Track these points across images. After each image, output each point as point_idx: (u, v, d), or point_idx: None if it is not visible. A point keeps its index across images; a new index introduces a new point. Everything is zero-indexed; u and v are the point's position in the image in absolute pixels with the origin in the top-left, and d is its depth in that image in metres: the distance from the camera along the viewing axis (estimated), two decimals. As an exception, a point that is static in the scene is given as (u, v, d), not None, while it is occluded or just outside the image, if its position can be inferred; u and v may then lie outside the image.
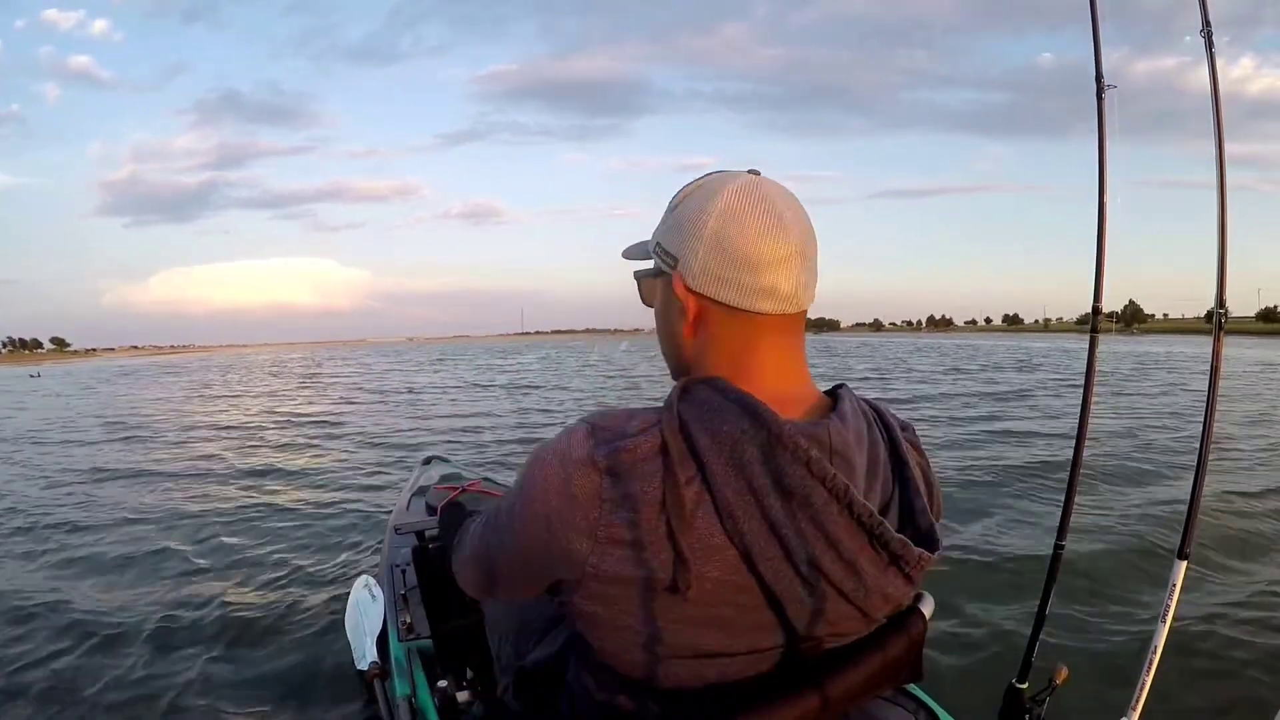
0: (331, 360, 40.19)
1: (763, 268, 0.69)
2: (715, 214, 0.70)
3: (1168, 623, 1.37)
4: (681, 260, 0.72)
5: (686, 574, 0.64)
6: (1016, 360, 24.38)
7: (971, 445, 6.43)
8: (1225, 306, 1.46)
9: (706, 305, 0.72)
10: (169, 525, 4.51)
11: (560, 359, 31.34)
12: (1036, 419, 7.67)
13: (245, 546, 3.96)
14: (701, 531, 0.64)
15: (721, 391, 0.67)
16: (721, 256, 0.69)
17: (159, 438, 9.27)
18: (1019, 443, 6.37)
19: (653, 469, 0.64)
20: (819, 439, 0.67)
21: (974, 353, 31.83)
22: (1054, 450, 5.41)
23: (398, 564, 1.97)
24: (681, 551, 0.63)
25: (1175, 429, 7.29)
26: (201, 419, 11.60)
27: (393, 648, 1.71)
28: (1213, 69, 1.43)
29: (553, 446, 0.69)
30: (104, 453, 8.00)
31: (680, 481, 0.64)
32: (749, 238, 0.69)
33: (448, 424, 9.85)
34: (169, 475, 6.32)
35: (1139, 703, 1.34)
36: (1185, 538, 1.43)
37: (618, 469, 0.65)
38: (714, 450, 0.64)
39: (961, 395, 11.93)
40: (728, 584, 0.66)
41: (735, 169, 0.76)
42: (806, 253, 0.71)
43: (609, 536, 0.65)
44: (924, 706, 0.93)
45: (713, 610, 0.67)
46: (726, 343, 0.72)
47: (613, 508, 0.65)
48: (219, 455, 7.45)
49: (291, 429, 9.84)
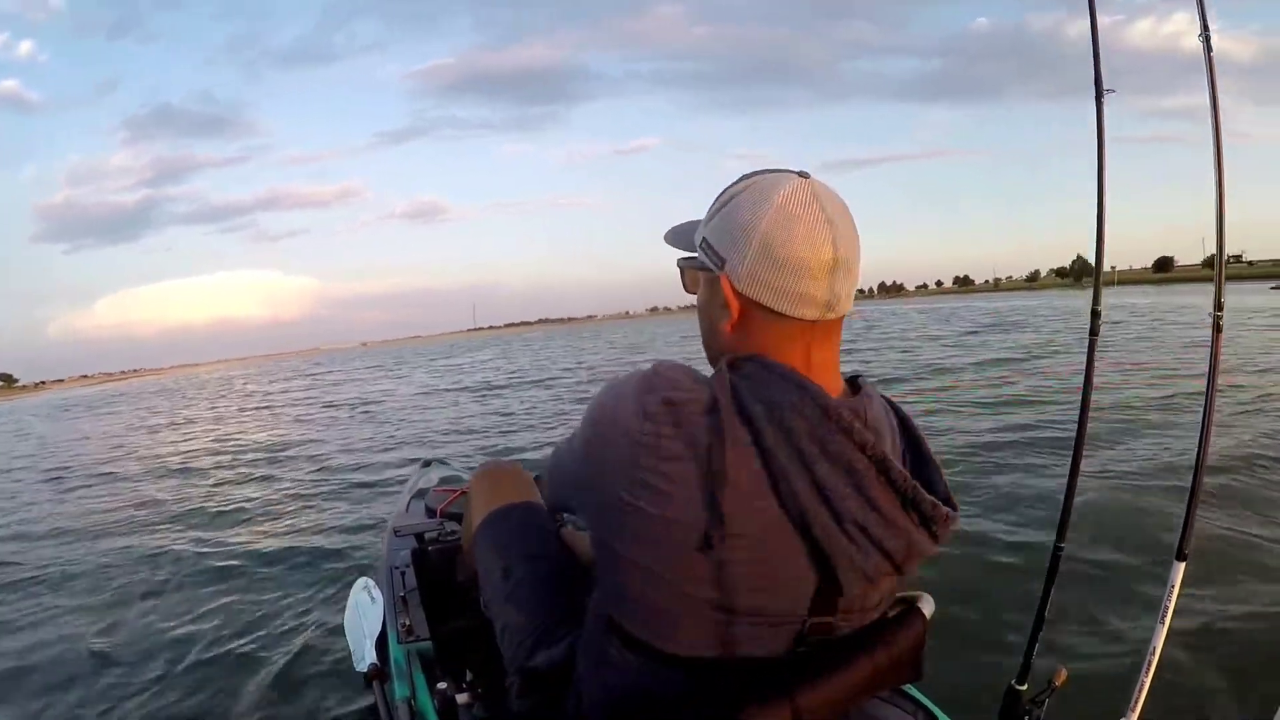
0: (281, 374, 38.18)
1: (808, 276, 0.71)
2: (765, 219, 0.71)
3: (1166, 624, 1.37)
4: (729, 262, 0.74)
5: (720, 530, 0.67)
6: (988, 323, 24.11)
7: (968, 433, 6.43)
8: (1223, 309, 1.47)
9: (749, 307, 0.74)
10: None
11: (515, 354, 30.50)
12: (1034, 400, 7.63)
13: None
14: (745, 492, 0.68)
15: (768, 367, 0.71)
16: (769, 263, 0.71)
17: (93, 482, 7.94)
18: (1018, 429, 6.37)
19: (699, 425, 0.68)
20: (857, 411, 0.72)
21: (942, 318, 31.47)
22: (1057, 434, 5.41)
23: (397, 566, 1.97)
24: (719, 508, 0.67)
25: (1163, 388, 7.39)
26: (145, 454, 10.10)
27: (392, 650, 1.71)
28: (1211, 75, 1.43)
29: (615, 386, 0.74)
30: (42, 502, 7.06)
31: (727, 441, 0.67)
32: (797, 246, 0.71)
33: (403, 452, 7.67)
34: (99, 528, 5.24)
35: (1138, 704, 1.34)
36: (1184, 538, 1.43)
37: (663, 417, 0.68)
38: (766, 417, 0.68)
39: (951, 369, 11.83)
40: (769, 545, 0.69)
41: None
42: (851, 261, 0.74)
43: (643, 480, 0.68)
44: (923, 708, 0.93)
45: (750, 569, 0.70)
46: (765, 341, 0.75)
47: (654, 453, 0.68)
48: (154, 498, 6.34)
49: (233, 461, 8.34)
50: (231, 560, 3.85)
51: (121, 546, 4.46)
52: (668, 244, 0.87)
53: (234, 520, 4.85)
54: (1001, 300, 58.89)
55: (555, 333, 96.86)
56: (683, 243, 0.84)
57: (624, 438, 0.69)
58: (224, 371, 70.31)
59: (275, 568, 3.68)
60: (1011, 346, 13.99)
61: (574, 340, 44.25)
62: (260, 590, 3.33)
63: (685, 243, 0.84)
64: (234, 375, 49.23)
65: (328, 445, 8.59)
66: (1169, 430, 6.00)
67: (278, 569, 3.65)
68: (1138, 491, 4.52)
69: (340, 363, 47.64)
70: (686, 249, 0.84)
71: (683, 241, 0.84)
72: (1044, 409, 6.87)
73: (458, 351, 45.16)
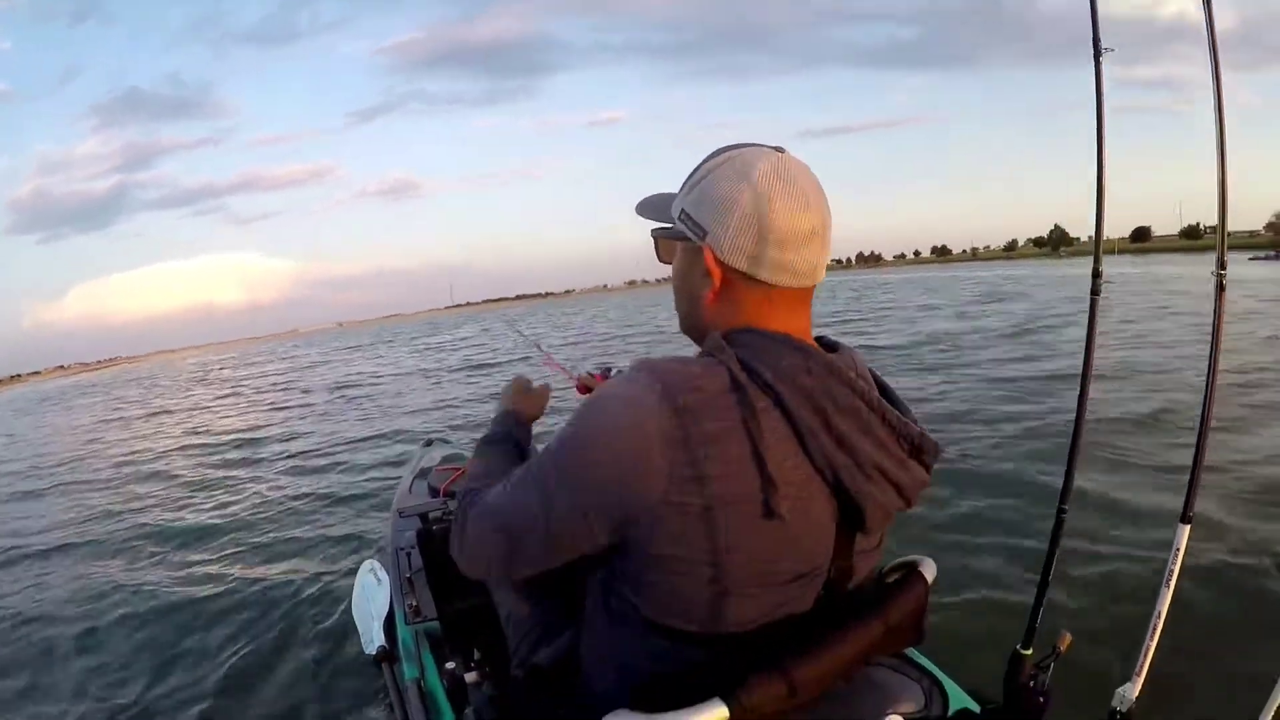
0: (258, 358, 36.82)
1: (788, 246, 0.74)
2: (746, 192, 0.74)
3: (1171, 587, 1.37)
4: (711, 234, 0.77)
5: (776, 495, 0.69)
6: (979, 293, 23.93)
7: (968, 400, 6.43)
8: (1225, 268, 1.45)
9: (731, 276, 0.77)
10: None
11: (499, 330, 29.07)
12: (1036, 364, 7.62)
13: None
14: (781, 454, 0.70)
15: (764, 334, 0.75)
16: (751, 234, 0.74)
17: (58, 486, 7.38)
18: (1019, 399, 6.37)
19: (726, 403, 0.70)
20: (849, 364, 0.77)
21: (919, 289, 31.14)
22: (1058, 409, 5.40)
23: (403, 547, 1.98)
24: (771, 476, 0.69)
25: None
26: (115, 451, 9.58)
27: (400, 631, 1.72)
28: (1215, 70, 1.39)
29: (616, 391, 0.72)
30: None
31: (757, 409, 0.70)
32: (778, 218, 0.74)
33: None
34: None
35: (1143, 668, 1.34)
36: (1188, 501, 1.42)
37: (692, 407, 0.69)
38: (781, 380, 0.71)
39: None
40: (805, 501, 0.72)
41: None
42: (826, 232, 0.78)
43: (694, 474, 0.68)
44: (928, 673, 0.94)
45: (790, 530, 0.72)
46: (747, 309, 0.78)
47: (694, 444, 0.68)
48: (137, 493, 6.08)
49: (203, 457, 7.84)
50: (229, 551, 3.87)
51: (122, 532, 4.51)
52: (639, 215, 0.89)
53: (229, 512, 4.88)
54: (984, 270, 58.85)
55: (535, 307, 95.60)
56: (654, 214, 0.87)
57: (658, 441, 0.68)
58: (201, 357, 67.79)
59: (276, 556, 3.70)
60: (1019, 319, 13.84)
61: (559, 314, 43.48)
62: (267, 576, 3.36)
63: (657, 214, 0.87)
64: (211, 360, 48.03)
65: (312, 431, 8.60)
66: (1173, 391, 6.00)
67: (279, 557, 3.67)
68: (1141, 454, 4.53)
69: (318, 344, 46.44)
70: (659, 220, 0.86)
71: (654, 213, 0.87)
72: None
73: (438, 329, 44.32)
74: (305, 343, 63.23)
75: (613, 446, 0.70)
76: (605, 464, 0.70)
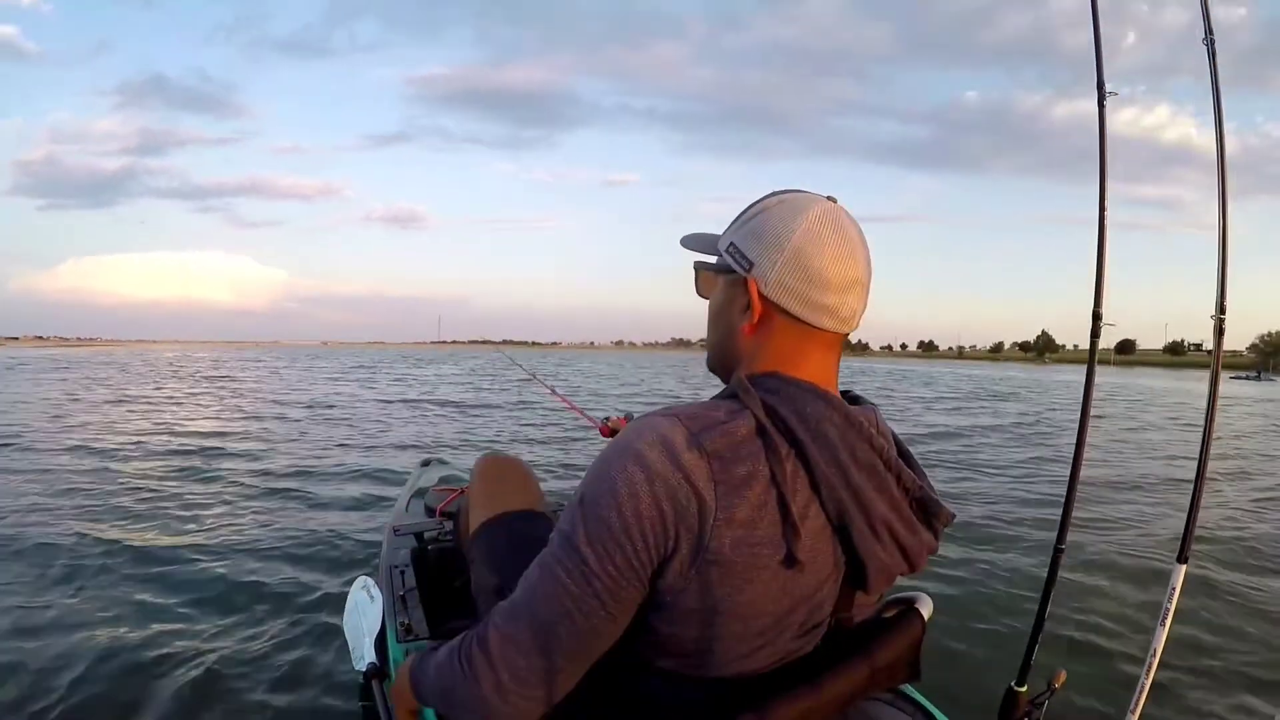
0: (240, 364, 34.62)
1: (832, 289, 0.75)
2: (799, 231, 0.75)
3: (1167, 626, 1.37)
4: (757, 266, 0.76)
5: (799, 543, 0.69)
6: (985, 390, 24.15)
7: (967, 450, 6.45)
8: (1225, 312, 1.46)
9: (772, 310, 0.76)
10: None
11: (494, 371, 27.81)
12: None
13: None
14: (800, 504, 0.70)
15: (789, 381, 0.74)
16: (798, 272, 0.74)
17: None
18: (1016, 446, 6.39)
19: (754, 449, 0.69)
20: (870, 420, 0.76)
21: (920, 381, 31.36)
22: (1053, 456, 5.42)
23: (397, 565, 1.97)
24: (795, 523, 0.69)
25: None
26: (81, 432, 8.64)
27: (391, 649, 1.71)
28: (1214, 76, 1.43)
29: (638, 439, 0.69)
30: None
31: (782, 456, 0.69)
32: (826, 260, 0.74)
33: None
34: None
35: (1138, 706, 1.33)
36: (1185, 541, 1.43)
37: (723, 452, 0.68)
38: (803, 428, 0.70)
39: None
40: (816, 553, 0.71)
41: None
42: (868, 283, 0.78)
43: (727, 518, 0.67)
44: (921, 709, 0.93)
45: (805, 580, 0.72)
46: (782, 345, 0.77)
47: (727, 489, 0.67)
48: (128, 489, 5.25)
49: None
50: (218, 558, 3.85)
51: (86, 538, 4.47)
52: (684, 247, 0.90)
53: (224, 517, 4.85)
54: (976, 369, 59.38)
55: (517, 355, 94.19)
56: (699, 247, 0.88)
57: (702, 488, 0.66)
58: (181, 352, 63.42)
59: (267, 565, 3.67)
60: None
61: (548, 365, 42.06)
62: (254, 589, 3.33)
63: (701, 248, 0.88)
64: (197, 357, 45.07)
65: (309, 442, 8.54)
66: (1169, 435, 6.02)
67: (269, 567, 3.65)
68: (1139, 494, 4.53)
69: (302, 359, 43.94)
70: (702, 252, 0.87)
71: (698, 246, 0.88)
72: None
73: (430, 361, 42.40)
74: (288, 354, 61.54)
75: (651, 496, 0.66)
76: (643, 517, 0.67)
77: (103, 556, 3.84)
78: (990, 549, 3.68)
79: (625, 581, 0.69)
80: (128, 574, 3.55)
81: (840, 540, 0.73)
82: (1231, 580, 3.20)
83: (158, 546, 4.01)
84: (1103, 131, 1.51)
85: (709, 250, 0.85)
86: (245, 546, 4.03)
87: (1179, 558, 1.42)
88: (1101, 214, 1.49)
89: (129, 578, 3.50)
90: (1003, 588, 3.10)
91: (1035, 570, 3.27)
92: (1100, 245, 1.50)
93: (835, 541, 0.73)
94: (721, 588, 0.69)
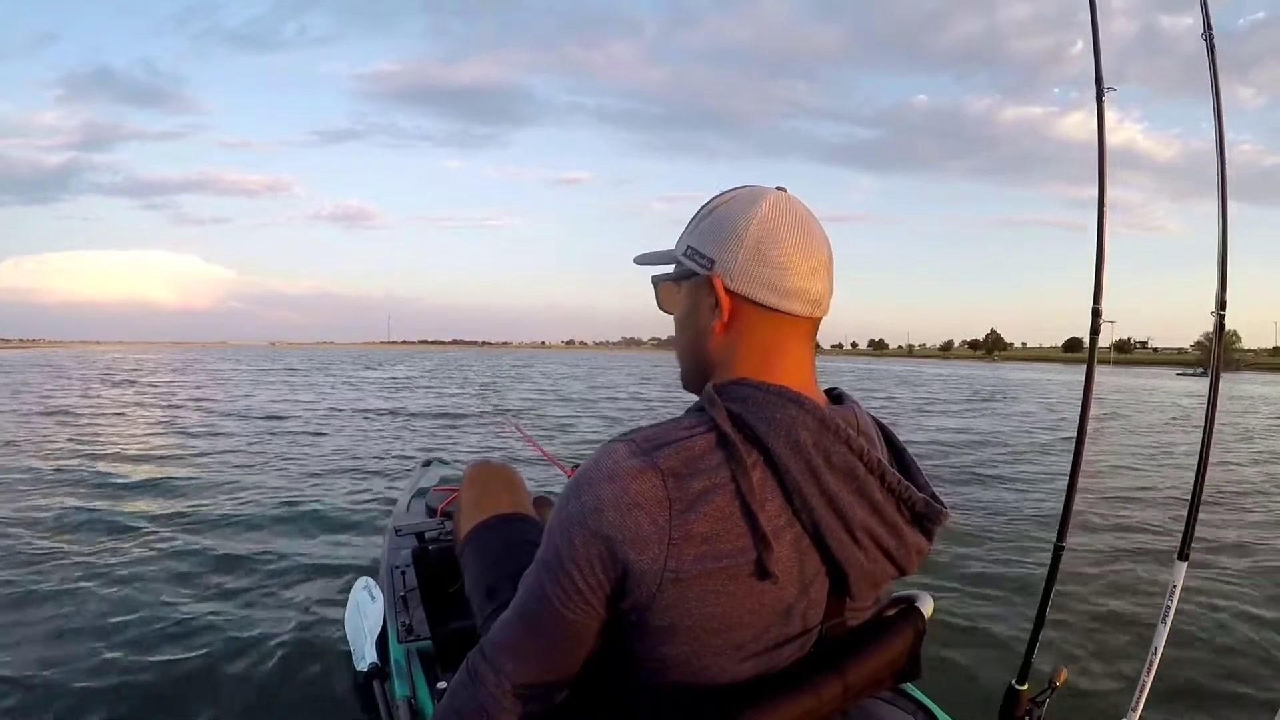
0: (185, 366, 32.09)
1: (797, 272, 0.74)
2: (756, 220, 0.74)
3: (1168, 624, 1.37)
4: (719, 261, 0.75)
5: (770, 554, 0.67)
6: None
7: (965, 447, 6.44)
8: (1225, 308, 1.46)
9: (740, 304, 0.75)
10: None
11: (447, 373, 26.88)
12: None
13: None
14: (771, 513, 0.68)
15: (759, 387, 0.72)
16: (761, 259, 0.74)
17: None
18: (1013, 446, 6.38)
19: (714, 461, 0.68)
20: (849, 421, 0.74)
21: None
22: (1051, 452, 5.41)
23: (398, 565, 1.97)
24: (764, 534, 0.67)
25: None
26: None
27: (392, 649, 1.71)
28: (1214, 73, 1.43)
29: (595, 468, 0.70)
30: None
31: (747, 466, 0.67)
32: (786, 245, 0.74)
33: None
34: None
35: (1139, 704, 1.33)
36: (1186, 539, 1.43)
37: (678, 469, 0.67)
38: (772, 435, 0.69)
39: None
40: (793, 563, 0.70)
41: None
42: (830, 265, 0.77)
43: (684, 535, 0.66)
44: (923, 707, 0.93)
45: (783, 593, 0.70)
46: (757, 340, 0.76)
47: (683, 506, 0.66)
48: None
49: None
50: (218, 559, 3.85)
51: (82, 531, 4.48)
52: (639, 264, 0.88)
53: (225, 517, 4.85)
54: (932, 367, 59.92)
55: (467, 354, 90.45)
56: (655, 260, 0.86)
57: (653, 509, 0.66)
58: (123, 354, 59.70)
59: (267, 565, 3.68)
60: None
61: (503, 366, 40.14)
62: (255, 589, 3.33)
63: (657, 260, 0.86)
64: (141, 359, 42.67)
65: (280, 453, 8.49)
66: (1169, 433, 6.02)
67: (270, 567, 3.65)
68: (1139, 491, 4.53)
69: (249, 361, 41.40)
70: (659, 264, 0.86)
71: (655, 259, 0.86)
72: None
73: (381, 363, 40.69)
74: (233, 355, 58.54)
75: (602, 523, 0.67)
76: (597, 544, 0.68)
77: (103, 557, 3.85)
78: (990, 548, 3.67)
79: (583, 604, 0.71)
80: (122, 575, 3.56)
81: (819, 548, 0.71)
82: (1232, 579, 3.20)
83: (158, 548, 4.01)
84: (1102, 131, 1.51)
85: (665, 262, 0.84)
86: (246, 546, 4.04)
87: (1180, 555, 1.42)
88: (1101, 214, 1.49)
89: (124, 579, 3.50)
90: (1003, 586, 3.10)
91: (1036, 569, 3.28)
92: (1100, 245, 1.50)
93: (815, 550, 0.71)
94: (688, 604, 0.68)
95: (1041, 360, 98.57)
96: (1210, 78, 1.45)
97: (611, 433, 2.11)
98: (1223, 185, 1.43)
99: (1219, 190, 1.43)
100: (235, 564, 3.73)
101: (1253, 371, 69.48)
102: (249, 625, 2.89)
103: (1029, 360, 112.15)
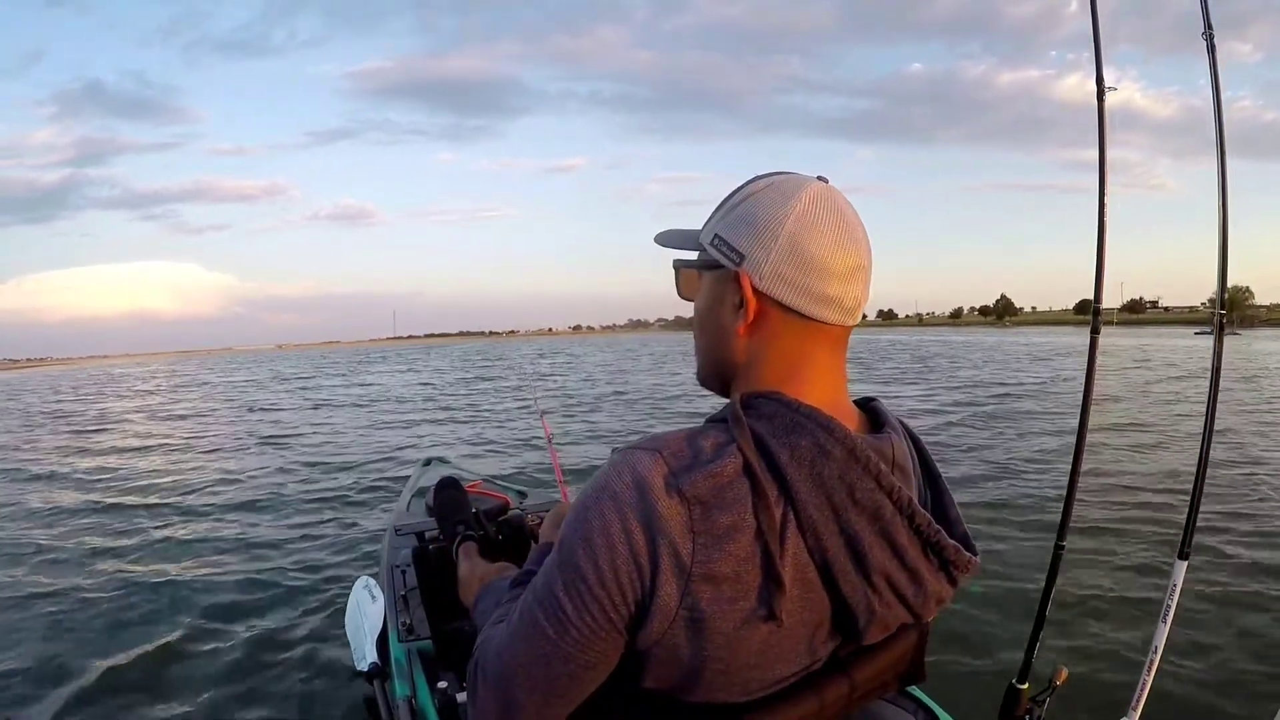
0: (185, 374, 32.60)
1: (833, 277, 0.68)
2: (792, 217, 0.68)
3: (1168, 623, 1.37)
4: (749, 258, 0.69)
5: (780, 599, 0.62)
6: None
7: (963, 442, 6.44)
8: (1226, 308, 1.46)
9: (768, 307, 0.69)
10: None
11: (457, 367, 25.79)
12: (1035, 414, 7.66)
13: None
14: (790, 553, 0.63)
15: (789, 405, 0.66)
16: (795, 260, 0.68)
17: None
18: (1017, 439, 6.38)
19: (741, 493, 0.62)
20: (883, 453, 0.67)
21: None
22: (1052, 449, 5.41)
23: (398, 565, 1.97)
24: (780, 577, 0.62)
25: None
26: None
27: (393, 649, 1.71)
28: (1214, 72, 1.43)
29: (617, 479, 0.64)
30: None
31: (770, 502, 0.62)
32: (825, 246, 0.68)
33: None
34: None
35: (1139, 703, 1.34)
36: (1186, 538, 1.43)
37: (705, 497, 0.61)
38: (794, 466, 0.63)
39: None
40: (804, 602, 0.65)
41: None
42: (870, 269, 0.71)
43: (704, 573, 0.61)
44: (924, 707, 0.93)
45: (790, 634, 0.65)
46: (783, 348, 0.70)
47: (707, 540, 0.61)
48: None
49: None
50: (225, 564, 3.85)
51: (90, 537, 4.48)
52: (661, 245, 0.82)
53: (224, 518, 4.86)
54: (950, 334, 59.00)
55: (474, 345, 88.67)
56: (677, 243, 0.80)
57: (674, 532, 0.61)
58: (129, 367, 59.92)
59: (267, 566, 3.68)
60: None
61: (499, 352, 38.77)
62: (254, 590, 3.33)
63: (680, 243, 0.80)
64: (143, 371, 42.85)
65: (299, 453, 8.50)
66: (1170, 432, 6.01)
67: (270, 568, 3.65)
68: (1140, 490, 4.52)
69: (254, 366, 41.33)
70: (682, 248, 0.79)
71: (677, 242, 0.80)
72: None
73: (388, 358, 39.62)
74: (240, 360, 56.54)
75: (623, 544, 0.62)
76: (615, 566, 0.62)
77: (103, 557, 3.86)
78: (991, 547, 3.67)
79: (603, 632, 0.65)
80: (123, 575, 3.56)
81: (828, 589, 0.66)
82: (1232, 577, 3.20)
83: (156, 547, 4.02)
84: (1102, 130, 1.51)
85: (689, 246, 0.77)
86: (245, 547, 4.04)
87: (1180, 554, 1.42)
88: (1101, 214, 1.49)
89: (125, 579, 3.51)
90: (1004, 585, 3.10)
91: (1036, 568, 3.28)
92: (1100, 245, 1.50)
93: (825, 591, 0.66)
94: (697, 644, 0.64)
95: (1054, 324, 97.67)
96: (1210, 77, 1.45)
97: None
98: (1223, 186, 1.43)
99: (1219, 190, 1.43)
100: (236, 563, 3.74)
101: (1269, 327, 66.80)
102: (250, 624, 2.89)
103: (1040, 324, 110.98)
